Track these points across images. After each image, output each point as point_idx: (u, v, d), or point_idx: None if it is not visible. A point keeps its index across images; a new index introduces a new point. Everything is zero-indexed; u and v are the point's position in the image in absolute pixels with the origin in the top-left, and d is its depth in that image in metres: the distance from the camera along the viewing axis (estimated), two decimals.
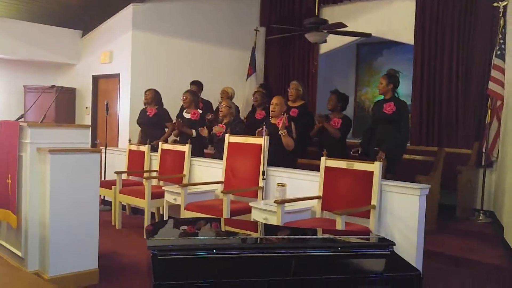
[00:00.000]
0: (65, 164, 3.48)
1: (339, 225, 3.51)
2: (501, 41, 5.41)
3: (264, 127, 4.58)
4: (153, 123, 6.23)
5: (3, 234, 3.84)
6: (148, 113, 6.23)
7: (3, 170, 3.71)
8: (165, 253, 2.36)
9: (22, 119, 4.19)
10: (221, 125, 5.49)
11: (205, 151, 6.19)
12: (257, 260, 2.43)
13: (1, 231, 3.87)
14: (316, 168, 4.37)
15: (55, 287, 1.89)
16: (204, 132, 5.59)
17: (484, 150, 5.72)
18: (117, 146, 7.22)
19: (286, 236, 2.82)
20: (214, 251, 2.43)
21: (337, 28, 5.91)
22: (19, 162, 3.55)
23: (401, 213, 3.75)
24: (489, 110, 5.61)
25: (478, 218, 5.61)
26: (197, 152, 5.66)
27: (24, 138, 3.52)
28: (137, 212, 6.19)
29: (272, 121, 4.92)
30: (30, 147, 3.48)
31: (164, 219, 5.06)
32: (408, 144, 6.56)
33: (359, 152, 5.28)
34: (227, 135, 5.04)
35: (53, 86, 4.47)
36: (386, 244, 2.67)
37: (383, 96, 5.12)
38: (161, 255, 2.33)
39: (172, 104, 6.56)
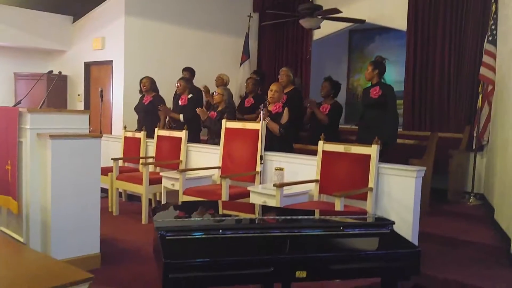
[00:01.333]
0: (66, 150, 3.49)
1: (338, 207, 3.59)
2: (493, 27, 5.49)
3: (261, 111, 4.61)
4: (147, 111, 6.26)
5: (3, 220, 3.85)
6: (144, 101, 6.26)
7: (2, 157, 3.70)
8: (172, 234, 2.41)
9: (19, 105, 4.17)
10: (212, 112, 5.51)
11: (201, 137, 6.23)
12: (263, 239, 2.49)
13: (2, 217, 3.88)
14: (309, 153, 4.44)
15: (66, 265, 1.94)
16: (200, 112, 5.55)
17: (475, 134, 5.83)
18: (111, 133, 7.21)
19: (289, 217, 2.88)
20: (221, 231, 2.48)
21: (331, 14, 5.94)
22: (19, 148, 3.55)
23: (397, 195, 3.84)
24: (480, 95, 5.71)
25: (468, 201, 5.74)
26: (191, 137, 5.69)
27: (23, 123, 3.51)
28: (133, 198, 6.22)
29: (269, 107, 4.96)
30: (30, 133, 3.47)
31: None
32: (401, 129, 6.69)
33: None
34: (224, 120, 5.08)
35: (50, 72, 4.45)
36: (386, 223, 2.73)
37: (370, 83, 5.22)
38: (169, 236, 2.37)
39: (166, 90, 6.57)
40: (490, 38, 5.53)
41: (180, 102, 6.00)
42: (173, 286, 2.20)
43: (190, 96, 5.99)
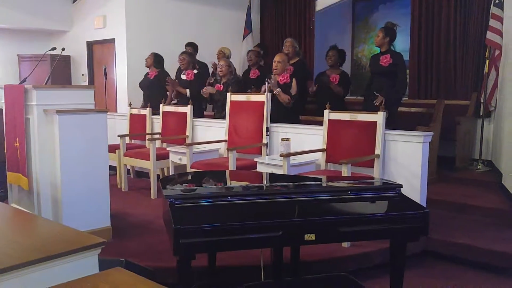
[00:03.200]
0: (73, 125, 3.50)
1: (345, 174, 3.60)
2: None
3: (266, 82, 4.59)
4: (153, 85, 6.24)
5: (15, 197, 3.91)
6: (149, 76, 6.25)
7: (10, 134, 3.73)
8: (182, 201, 2.43)
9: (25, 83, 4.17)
10: (218, 85, 5.51)
11: (205, 113, 6.23)
12: (271, 204, 2.51)
13: (13, 194, 3.93)
14: (315, 124, 4.43)
15: (79, 231, 1.97)
16: (208, 90, 5.56)
17: (482, 101, 5.78)
18: (116, 112, 7.22)
19: (296, 183, 2.88)
20: (229, 198, 2.50)
21: None
22: (27, 125, 3.57)
23: (404, 161, 3.84)
24: (487, 60, 5.64)
25: (476, 168, 5.72)
26: (196, 113, 5.69)
27: (30, 100, 3.52)
28: (141, 175, 6.27)
29: (276, 78, 4.92)
30: (36, 109, 3.49)
31: None
32: (407, 98, 6.64)
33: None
34: (228, 94, 5.06)
35: (53, 49, 4.44)
36: (393, 186, 2.74)
37: (379, 49, 5.15)
38: (178, 203, 2.40)
39: (169, 65, 6.54)
40: (497, 1, 5.43)
41: (185, 77, 5.95)
42: (184, 251, 2.23)
43: (196, 71, 5.96)
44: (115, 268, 1.53)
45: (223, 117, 5.31)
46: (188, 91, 5.79)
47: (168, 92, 6.25)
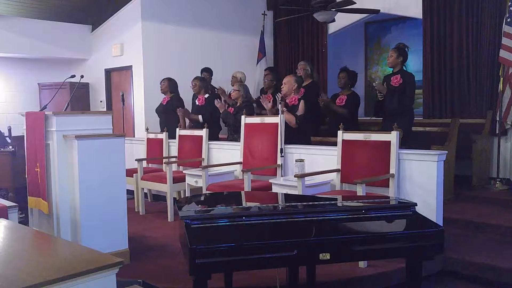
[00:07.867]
0: (91, 149, 3.60)
1: (359, 194, 3.60)
2: (511, 8, 5.41)
3: (281, 104, 4.64)
4: (166, 111, 6.35)
5: (35, 221, 3.99)
6: (162, 101, 6.38)
7: (31, 160, 3.84)
8: (197, 222, 2.47)
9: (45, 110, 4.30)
10: (231, 108, 5.61)
11: (220, 135, 6.30)
12: (286, 224, 2.53)
13: (33, 218, 4.02)
14: (329, 145, 4.46)
15: (97, 251, 2.02)
16: (219, 105, 5.65)
17: (498, 118, 5.74)
18: (134, 136, 7.35)
19: (311, 203, 2.90)
20: (244, 218, 2.53)
21: (345, 6, 5.94)
22: (47, 150, 3.67)
23: (419, 180, 3.83)
24: (501, 78, 5.63)
25: (494, 186, 5.65)
26: (211, 136, 5.76)
27: (50, 126, 3.64)
28: (158, 198, 6.34)
29: (287, 100, 5.00)
30: (56, 135, 3.60)
31: None
32: (421, 118, 6.63)
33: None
34: (243, 116, 5.14)
35: (73, 76, 4.60)
36: (408, 205, 2.75)
37: (391, 69, 5.21)
38: (194, 224, 2.44)
39: (185, 91, 6.66)
40: (509, 19, 5.46)
41: (197, 102, 6.07)
42: (199, 271, 2.27)
43: (206, 96, 6.06)
44: (133, 286, 1.57)
45: (235, 140, 5.39)
46: (200, 117, 5.88)
47: (181, 119, 6.33)
